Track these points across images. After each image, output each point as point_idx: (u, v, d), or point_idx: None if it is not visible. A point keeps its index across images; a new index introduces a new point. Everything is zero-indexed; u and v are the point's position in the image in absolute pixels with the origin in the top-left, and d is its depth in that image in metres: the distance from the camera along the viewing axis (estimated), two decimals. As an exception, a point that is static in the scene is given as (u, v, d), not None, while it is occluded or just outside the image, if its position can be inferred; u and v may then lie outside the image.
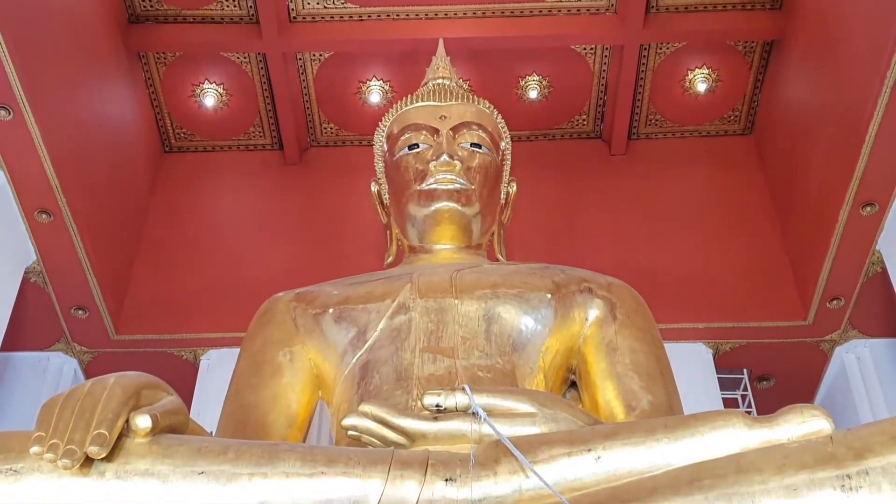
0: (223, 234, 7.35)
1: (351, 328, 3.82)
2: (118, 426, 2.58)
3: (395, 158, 4.55)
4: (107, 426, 2.54)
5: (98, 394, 2.63)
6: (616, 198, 7.46)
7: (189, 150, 7.88)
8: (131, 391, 2.68)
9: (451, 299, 3.75)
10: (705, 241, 7.17)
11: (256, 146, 7.89)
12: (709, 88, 7.58)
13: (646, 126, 7.85)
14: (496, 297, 3.77)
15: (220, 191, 7.73)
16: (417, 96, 4.79)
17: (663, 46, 7.43)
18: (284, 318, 3.99)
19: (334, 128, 7.84)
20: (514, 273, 3.98)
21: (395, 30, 7.21)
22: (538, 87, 7.58)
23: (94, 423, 2.55)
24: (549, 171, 7.59)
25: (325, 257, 6.99)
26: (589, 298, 3.90)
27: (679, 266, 7.01)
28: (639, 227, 7.24)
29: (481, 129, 4.57)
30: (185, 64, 7.45)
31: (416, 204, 4.35)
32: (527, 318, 3.74)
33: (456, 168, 4.32)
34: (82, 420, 2.55)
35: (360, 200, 6.43)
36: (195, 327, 6.83)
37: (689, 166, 7.71)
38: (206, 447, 2.62)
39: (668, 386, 3.69)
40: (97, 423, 2.54)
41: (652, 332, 3.90)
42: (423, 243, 4.42)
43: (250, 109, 7.69)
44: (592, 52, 7.47)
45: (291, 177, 7.72)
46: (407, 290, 3.81)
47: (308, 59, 7.47)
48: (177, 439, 2.66)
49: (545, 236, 7.05)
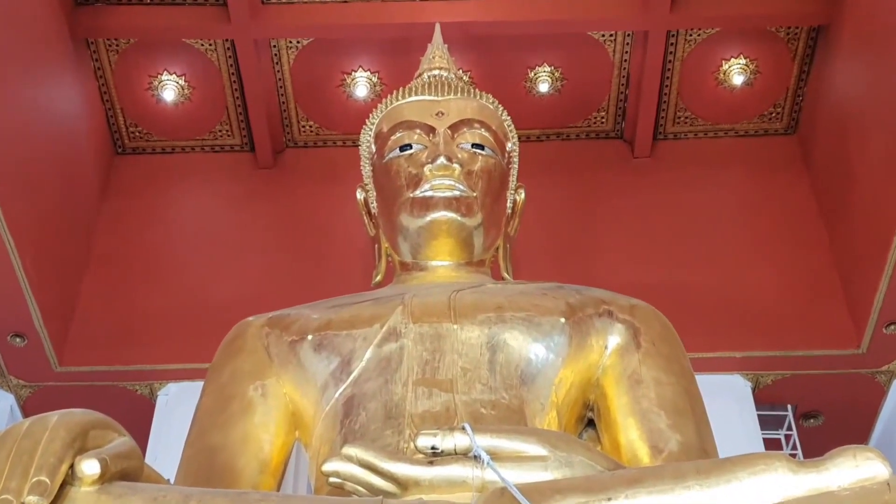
0: (185, 249, 7.34)
1: (333, 358, 3.80)
2: (61, 472, 2.57)
3: (385, 161, 4.55)
4: (48, 472, 2.53)
5: (38, 434, 2.61)
6: (639, 207, 7.47)
7: (145, 151, 7.88)
8: (77, 431, 2.66)
9: (450, 324, 3.74)
10: (742, 257, 7.17)
11: (224, 147, 7.89)
12: (746, 81, 7.60)
13: (673, 124, 7.86)
14: (501, 321, 3.76)
15: (181, 199, 7.73)
16: (410, 90, 4.79)
17: (694, 33, 7.45)
18: (256, 347, 3.97)
19: (314, 126, 7.85)
20: (522, 294, 3.96)
21: (385, 13, 7.23)
22: (550, 79, 7.59)
23: (33, 468, 2.53)
24: (563, 175, 7.59)
25: (303, 276, 6.99)
26: (609, 323, 3.89)
27: (712, 285, 7.01)
28: (666, 240, 7.25)
29: (484, 127, 4.57)
30: (141, 52, 7.46)
31: (409, 214, 4.33)
32: (537, 346, 3.73)
33: (455, 172, 4.32)
34: (20, 465, 2.54)
35: (344, 210, 6.42)
36: (152, 357, 6.81)
37: (723, 170, 7.72)
38: (164, 496, 2.61)
39: (701, 424, 3.68)
40: (37, 469, 2.53)
41: (681, 362, 3.88)
42: (417, 259, 4.41)
43: (216, 104, 7.69)
44: (612, 38, 7.49)
45: (264, 182, 7.72)
46: (398, 314, 3.79)
47: (284, 47, 7.48)
48: (129, 487, 2.64)
49: (558, 251, 7.05)
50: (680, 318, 4.29)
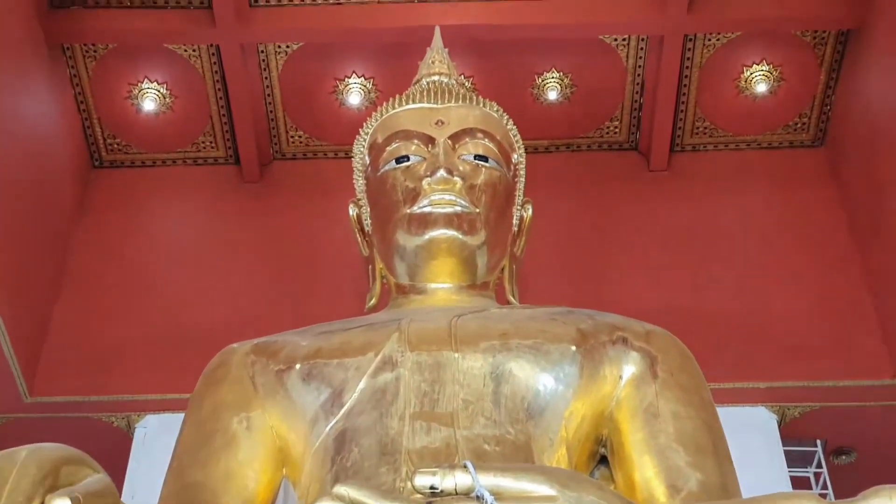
0: (166, 270, 7.33)
1: (323, 389, 3.78)
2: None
3: (380, 174, 4.55)
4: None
5: (6, 471, 2.61)
6: (656, 224, 7.47)
7: (124, 164, 7.89)
8: (48, 468, 2.65)
9: (450, 352, 3.72)
10: (767, 279, 7.16)
11: (207, 160, 7.90)
12: (770, 89, 7.61)
13: (692, 136, 7.87)
14: (507, 349, 3.74)
15: (162, 215, 7.73)
16: (408, 97, 4.79)
17: (713, 37, 7.46)
18: (240, 376, 3.97)
19: (304, 136, 7.85)
20: (529, 319, 3.95)
21: (381, 15, 7.25)
22: (559, 86, 7.60)
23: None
24: (573, 190, 7.59)
25: (291, 299, 6.98)
26: (623, 351, 3.88)
27: (734, 309, 7.00)
28: (684, 260, 7.24)
29: (488, 137, 4.57)
30: (120, 58, 7.48)
31: (406, 232, 4.32)
32: (545, 377, 3.71)
33: (456, 186, 4.32)
34: (-15, 505, 2.54)
35: (336, 227, 6.41)
36: (129, 387, 6.80)
37: (745, 185, 7.72)
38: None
39: (722, 461, 3.66)
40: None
41: (701, 394, 3.86)
42: (415, 281, 4.40)
43: (200, 114, 7.70)
44: (625, 43, 7.50)
45: (251, 197, 7.72)
46: (394, 341, 3.78)
47: (272, 52, 7.49)
48: (103, 529, 2.64)
49: (568, 272, 7.04)
50: (700, 346, 4.28)
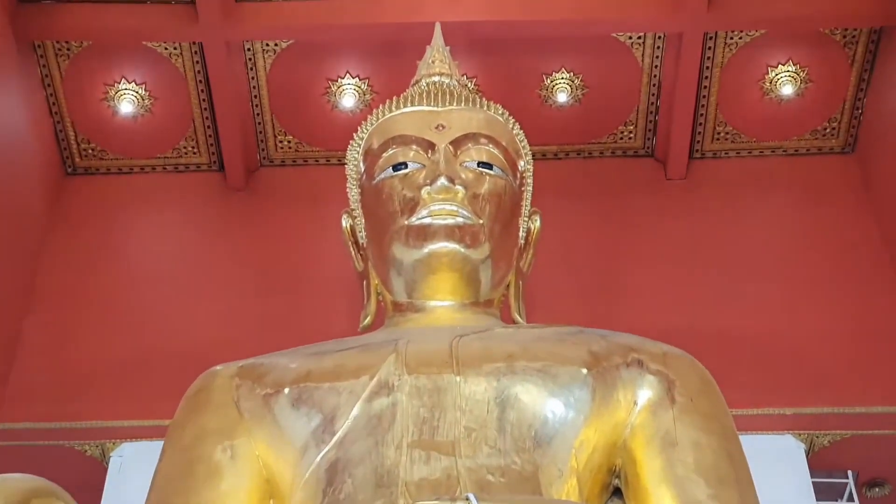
0: (144, 286, 7.32)
1: (314, 415, 3.79)
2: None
3: (375, 183, 4.56)
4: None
5: (-32, 505, 2.62)
6: (673, 237, 7.45)
7: (99, 171, 7.88)
8: (16, 500, 2.69)
9: (451, 375, 3.73)
10: (793, 296, 7.14)
11: (189, 166, 7.89)
12: (796, 91, 7.60)
13: (712, 141, 7.86)
14: (512, 372, 3.75)
15: (140, 227, 7.72)
16: (405, 99, 4.81)
17: (735, 35, 7.45)
18: (224, 401, 3.99)
19: (293, 141, 7.85)
20: (537, 340, 3.97)
21: (376, 11, 7.24)
22: (569, 87, 7.59)
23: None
24: (584, 200, 7.58)
25: (279, 317, 6.96)
26: (638, 374, 3.90)
27: (758, 330, 6.97)
28: (704, 276, 7.22)
29: (492, 142, 4.59)
30: (96, 57, 7.47)
31: (404, 245, 4.35)
32: (554, 402, 3.72)
33: (458, 196, 4.33)
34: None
35: (328, 240, 6.39)
36: (104, 412, 6.77)
37: (770, 195, 7.71)
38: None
39: (746, 494, 3.68)
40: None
41: (722, 420, 3.90)
42: (413, 299, 4.42)
43: (182, 117, 7.69)
44: (640, 41, 7.50)
45: (236, 207, 7.71)
46: (390, 363, 3.79)
47: (259, 50, 7.49)
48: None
49: (579, 289, 7.03)
50: (721, 368, 4.27)
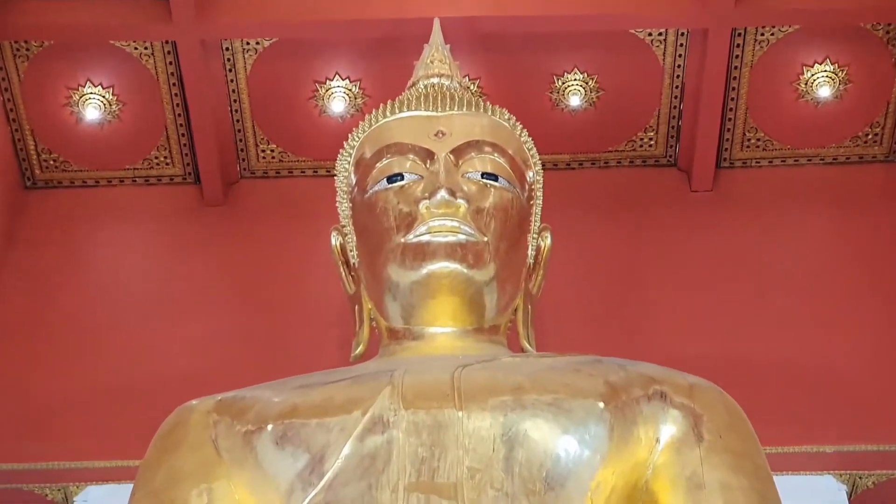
0: (111, 311, 7.30)
1: (300, 454, 3.79)
2: None
3: (368, 196, 4.57)
4: None
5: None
6: (699, 255, 7.44)
7: (62, 184, 7.87)
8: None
9: (453, 410, 3.73)
10: (834, 320, 7.12)
11: (161, 178, 7.89)
12: (835, 93, 7.59)
13: (742, 149, 7.85)
14: (521, 406, 3.75)
15: (107, 245, 7.71)
16: (401, 103, 4.82)
17: (766, 31, 7.45)
18: (200, 440, 4.00)
19: (277, 150, 7.84)
20: (548, 370, 3.97)
21: (369, 5, 7.24)
22: (582, 89, 7.58)
23: None
24: (600, 214, 7.58)
25: (262, 345, 6.95)
26: (661, 408, 3.91)
27: (794, 358, 6.95)
28: (733, 298, 7.20)
29: (497, 151, 4.60)
30: (57, 58, 7.47)
31: (400, 265, 4.36)
32: (568, 440, 3.71)
33: (459, 210, 4.34)
34: None
35: (315, 260, 6.38)
36: (67, 452, 6.74)
37: (806, 208, 7.70)
38: None
39: (781, 541, 3.70)
40: None
41: (755, 460, 3.92)
42: (411, 325, 4.43)
43: (153, 124, 7.69)
44: (661, 38, 7.50)
45: (213, 223, 7.70)
46: (385, 397, 3.78)
47: (240, 50, 7.49)
48: None
49: (595, 313, 7.01)
50: (753, 401, 4.28)
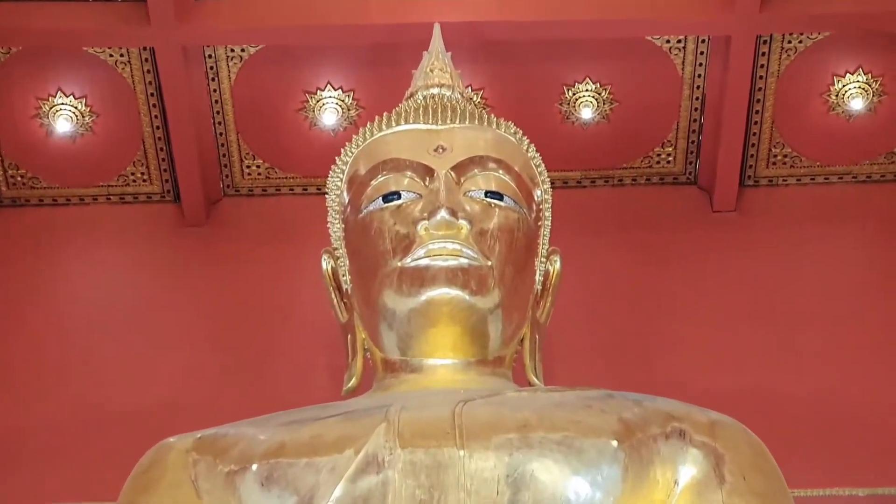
0: (83, 338, 7.30)
1: (288, 497, 3.78)
2: None
3: (362, 216, 4.57)
4: None
5: None
6: (721, 280, 7.44)
7: (30, 202, 7.89)
8: None
9: (454, 449, 3.73)
10: (867, 352, 7.12)
11: (138, 196, 7.89)
12: (868, 105, 7.60)
13: (768, 166, 7.86)
14: (527, 445, 3.74)
15: (78, 268, 7.71)
16: (398, 115, 4.82)
17: (794, 38, 7.47)
18: (178, 479, 4.00)
19: (263, 166, 7.85)
20: (557, 406, 3.96)
21: (364, 9, 7.24)
22: (595, 101, 7.60)
23: None
24: (614, 236, 7.58)
25: (246, 378, 6.94)
26: (680, 447, 3.91)
27: (824, 393, 6.95)
28: (758, 327, 7.20)
29: (502, 167, 4.60)
30: (26, 65, 7.49)
31: (397, 291, 4.36)
32: (578, 482, 3.70)
33: (461, 232, 4.34)
34: None
35: (304, 284, 6.38)
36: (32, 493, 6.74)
37: (837, 230, 7.70)
38: None
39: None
40: None
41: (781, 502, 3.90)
42: (408, 356, 4.43)
43: (129, 138, 7.70)
44: (680, 46, 7.51)
45: (194, 244, 7.70)
46: (380, 435, 3.78)
47: (223, 57, 7.50)
48: None
49: (607, 343, 7.01)
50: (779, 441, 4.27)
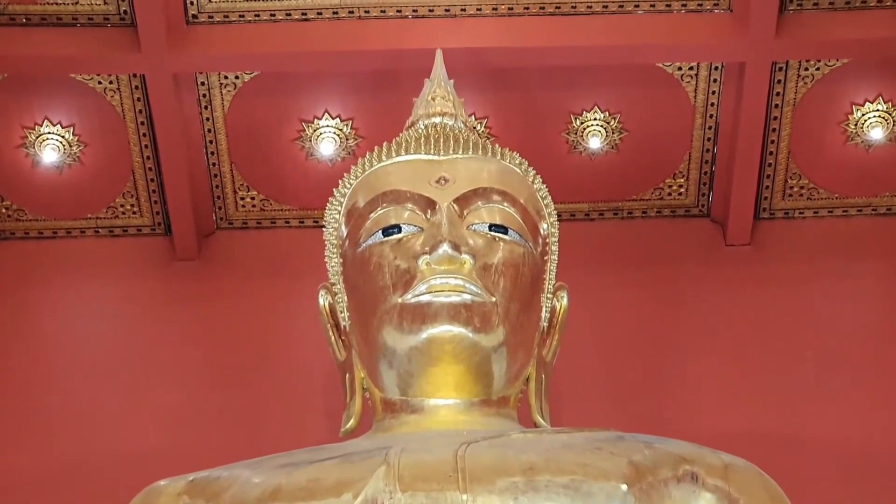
0: (69, 378, 7.30)
1: (283, 542, 3.80)
2: None
3: (361, 250, 4.57)
4: None
5: None
6: (735, 317, 7.44)
7: (15, 235, 7.89)
8: None
9: (457, 493, 3.73)
10: (889, 392, 7.11)
11: (128, 229, 7.90)
12: (888, 135, 7.61)
13: (784, 198, 7.86)
14: (534, 489, 3.74)
15: (65, 304, 7.71)
16: (399, 145, 4.82)
17: (811, 65, 7.48)
18: None
19: (258, 198, 7.86)
20: (564, 448, 3.97)
21: (363, 35, 7.26)
22: (603, 130, 7.61)
23: None
24: (623, 271, 7.58)
25: (240, 418, 6.94)
26: (692, 492, 3.92)
27: (844, 435, 6.94)
28: (774, 367, 7.20)
29: (507, 200, 4.60)
30: (12, 93, 7.50)
31: (397, 329, 4.37)
32: (586, 527, 3.73)
33: (464, 267, 4.34)
34: None
35: (301, 321, 6.38)
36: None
37: (857, 265, 7.70)
38: None
39: None
40: None
41: None
42: (409, 396, 4.44)
43: (119, 168, 7.71)
44: (693, 73, 7.53)
45: (186, 280, 7.70)
46: (380, 478, 3.78)
47: (216, 85, 7.51)
48: None
49: (617, 383, 7.00)
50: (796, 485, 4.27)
